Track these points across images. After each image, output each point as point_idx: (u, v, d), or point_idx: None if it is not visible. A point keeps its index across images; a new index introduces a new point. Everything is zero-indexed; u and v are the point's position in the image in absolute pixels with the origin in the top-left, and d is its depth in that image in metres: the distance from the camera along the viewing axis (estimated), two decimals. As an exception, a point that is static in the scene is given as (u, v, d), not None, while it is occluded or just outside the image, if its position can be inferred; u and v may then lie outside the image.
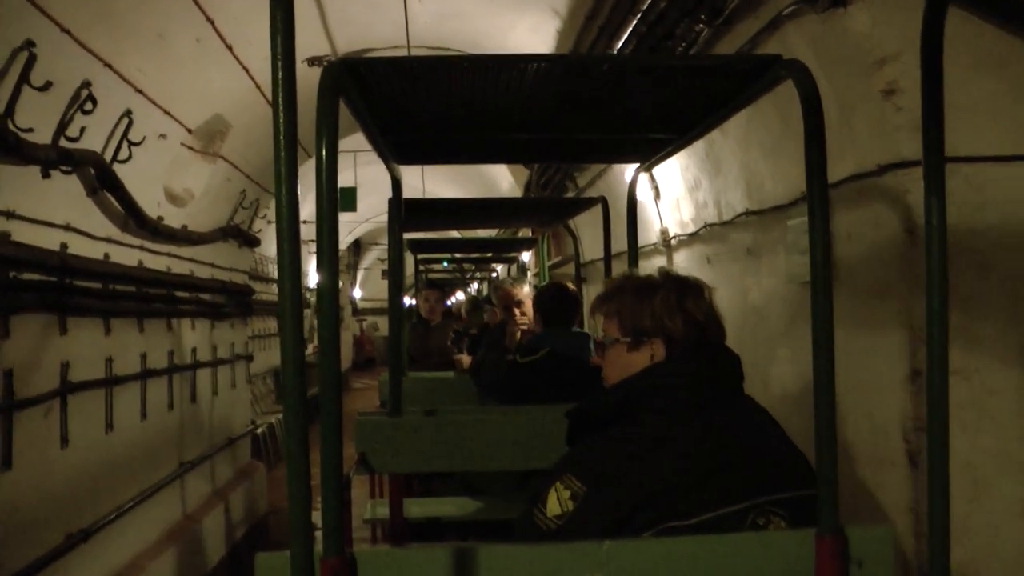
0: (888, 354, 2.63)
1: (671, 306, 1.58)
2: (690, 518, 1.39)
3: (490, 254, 8.00)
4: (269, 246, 10.63)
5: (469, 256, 8.37)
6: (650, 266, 5.71)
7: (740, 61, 1.60)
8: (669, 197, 5.10)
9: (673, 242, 5.18)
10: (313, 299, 6.12)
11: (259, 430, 10.43)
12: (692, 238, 4.83)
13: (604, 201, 3.38)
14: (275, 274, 11.43)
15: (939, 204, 1.30)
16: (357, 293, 25.26)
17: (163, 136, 4.85)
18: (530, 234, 6.37)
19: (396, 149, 2.20)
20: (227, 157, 6.20)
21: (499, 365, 3.45)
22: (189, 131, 5.28)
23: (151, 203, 5.14)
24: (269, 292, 12.85)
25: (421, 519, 3.27)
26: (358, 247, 23.73)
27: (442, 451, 2.49)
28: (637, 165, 2.76)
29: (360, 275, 25.48)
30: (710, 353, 1.58)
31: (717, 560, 1.34)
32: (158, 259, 5.50)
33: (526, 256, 8.16)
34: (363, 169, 10.02)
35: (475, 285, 12.93)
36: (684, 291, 1.61)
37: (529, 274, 8.79)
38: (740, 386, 1.61)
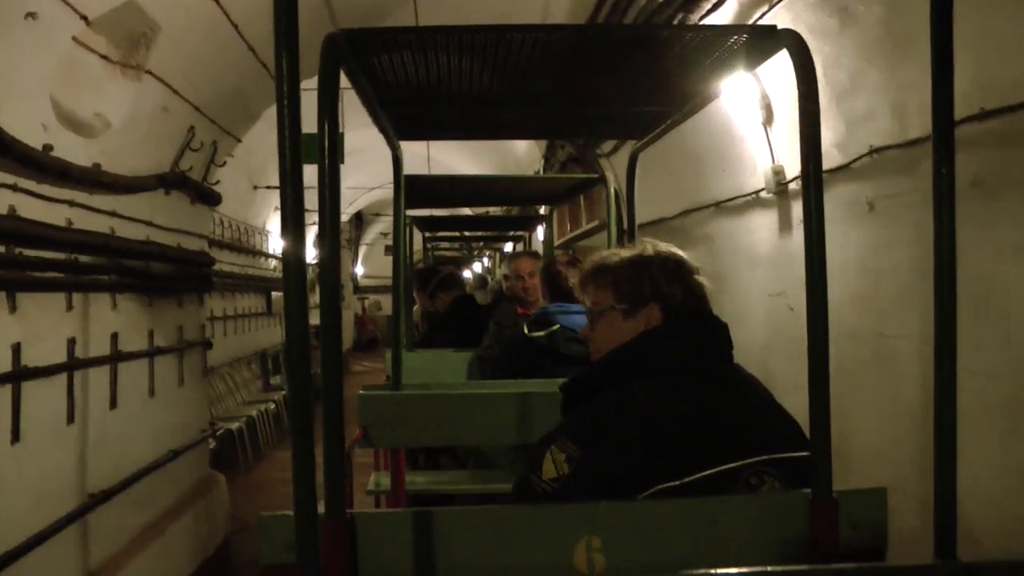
0: None
1: (670, 274, 1.60)
2: (683, 477, 1.39)
3: (497, 232, 7.98)
4: (235, 205, 8.97)
5: (477, 234, 8.31)
6: (744, 225, 4.08)
7: (738, 31, 1.55)
8: (791, 117, 3.43)
9: (793, 185, 3.53)
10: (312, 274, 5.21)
11: (235, 425, 8.99)
12: (835, 174, 3.15)
13: (604, 180, 3.32)
14: (255, 242, 10.08)
15: (948, 175, 1.19)
16: (359, 270, 23.95)
17: (32, 15, 3.22)
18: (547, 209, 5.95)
19: (396, 123, 2.17)
20: (160, 75, 4.57)
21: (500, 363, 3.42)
22: (86, 20, 3.64)
23: (29, 124, 3.53)
24: (256, 266, 11.26)
25: (423, 492, 3.51)
26: (360, 220, 22.36)
27: (441, 425, 2.49)
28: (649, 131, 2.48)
29: (362, 251, 24.13)
30: (703, 320, 1.60)
31: (712, 521, 1.36)
32: (54, 209, 3.89)
33: (541, 234, 7.19)
34: (362, 132, 8.55)
35: (483, 263, 12.72)
36: (679, 263, 1.63)
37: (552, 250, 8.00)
38: (730, 353, 1.60)
